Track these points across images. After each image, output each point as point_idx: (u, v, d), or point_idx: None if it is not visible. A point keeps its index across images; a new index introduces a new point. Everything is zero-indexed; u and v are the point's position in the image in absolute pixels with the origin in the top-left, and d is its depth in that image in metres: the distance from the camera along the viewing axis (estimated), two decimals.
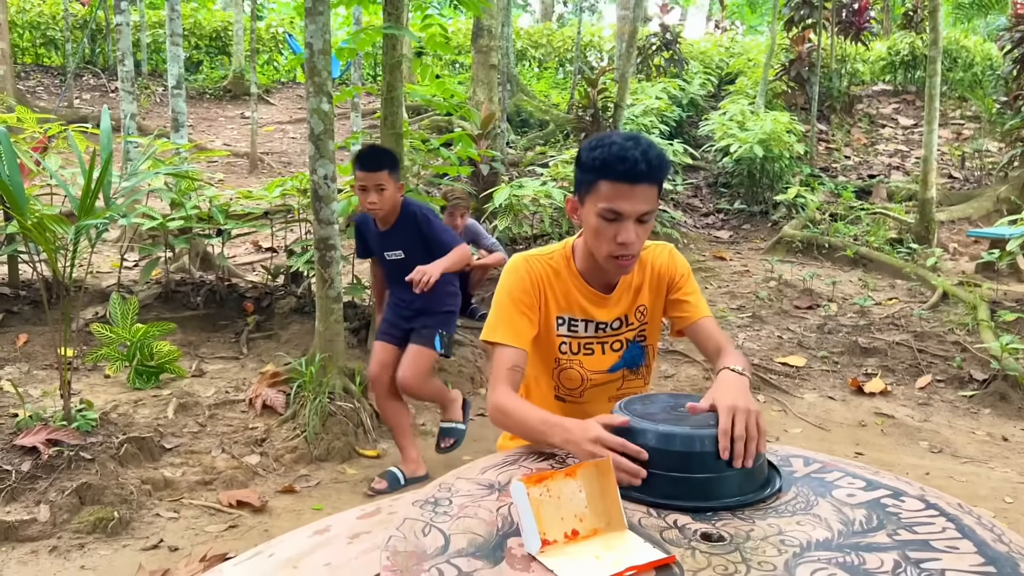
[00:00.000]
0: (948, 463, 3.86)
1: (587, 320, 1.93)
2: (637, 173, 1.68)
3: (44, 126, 4.56)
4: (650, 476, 1.45)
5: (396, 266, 3.28)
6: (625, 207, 1.71)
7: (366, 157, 3.14)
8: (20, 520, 2.75)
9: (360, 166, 3.12)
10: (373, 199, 3.11)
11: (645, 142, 1.72)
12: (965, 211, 8.82)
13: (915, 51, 12.81)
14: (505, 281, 1.89)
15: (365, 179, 3.11)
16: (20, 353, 4.11)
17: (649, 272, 1.96)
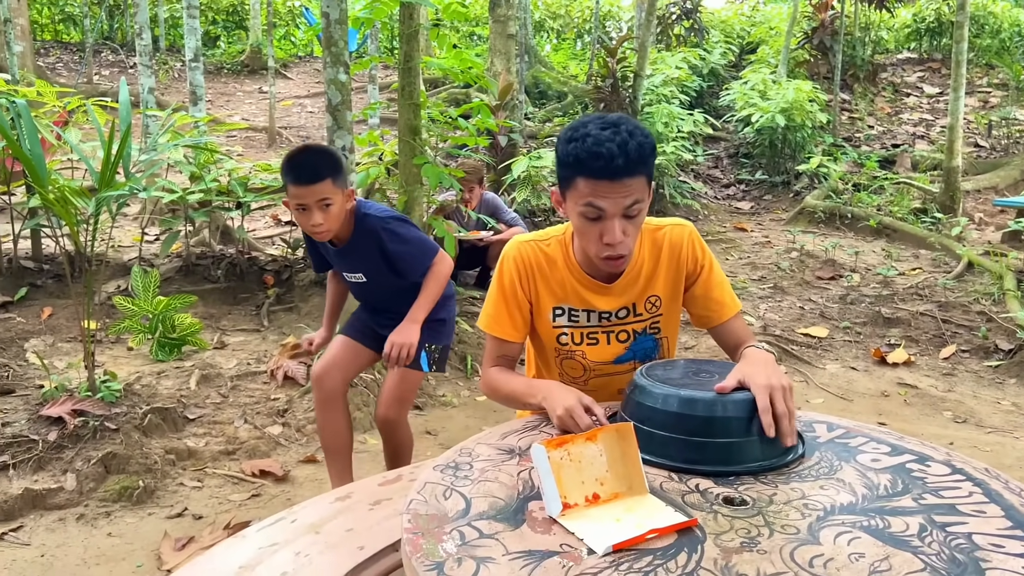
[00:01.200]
0: (972, 433, 3.83)
1: (588, 310, 1.81)
2: (615, 168, 1.53)
3: (64, 100, 4.58)
4: (672, 440, 1.44)
5: (360, 288, 2.66)
6: (606, 204, 1.57)
7: (299, 166, 2.32)
8: (48, 488, 2.80)
9: (293, 178, 2.32)
10: (317, 219, 2.33)
11: (625, 129, 1.56)
12: (991, 180, 8.67)
13: (941, 17, 12.56)
14: (498, 271, 1.85)
15: (302, 195, 2.31)
16: (45, 326, 4.16)
17: (666, 258, 1.81)
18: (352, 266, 2.58)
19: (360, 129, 8.30)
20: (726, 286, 1.85)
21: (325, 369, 2.66)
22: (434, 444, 3.53)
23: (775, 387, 1.45)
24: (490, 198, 5.34)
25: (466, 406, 4.03)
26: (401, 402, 2.69)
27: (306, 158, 2.36)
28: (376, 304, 2.69)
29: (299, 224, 2.45)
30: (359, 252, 2.53)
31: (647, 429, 1.47)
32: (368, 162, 5.31)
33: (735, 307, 1.84)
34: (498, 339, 1.85)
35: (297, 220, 2.43)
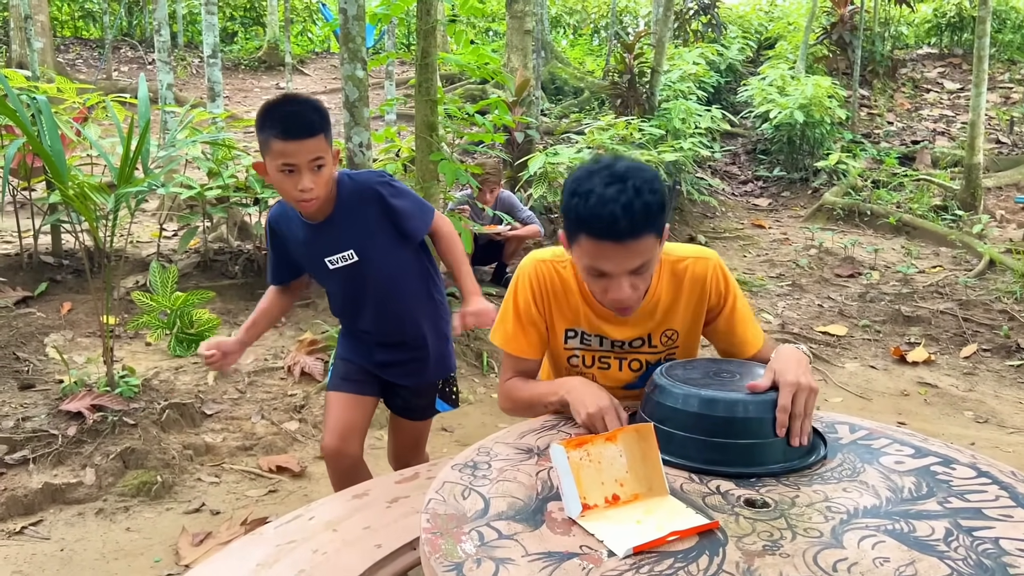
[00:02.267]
0: (994, 433, 3.79)
1: (601, 336, 1.77)
2: (618, 231, 1.44)
3: (84, 96, 4.60)
4: (693, 441, 1.43)
5: (346, 277, 2.13)
6: (610, 267, 1.51)
7: (289, 117, 1.91)
8: (67, 483, 2.81)
9: (281, 131, 1.89)
10: (307, 183, 1.92)
11: (633, 186, 1.45)
12: (1013, 177, 8.57)
13: (962, 12, 12.42)
14: (513, 287, 1.81)
15: (292, 153, 1.90)
16: (64, 321, 4.18)
17: (686, 291, 1.75)
18: (337, 245, 2.09)
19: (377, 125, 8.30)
20: (749, 321, 1.80)
21: (340, 440, 2.21)
22: (450, 441, 3.53)
23: (801, 387, 1.43)
24: (506, 196, 5.34)
25: (482, 403, 4.02)
26: (420, 449, 2.48)
27: (296, 108, 1.94)
28: (365, 305, 2.19)
29: (282, 191, 1.98)
30: (348, 222, 2.08)
31: (667, 429, 1.45)
32: (385, 158, 5.31)
33: (757, 343, 1.80)
34: (514, 356, 1.84)
35: (280, 186, 1.96)
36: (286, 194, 1.98)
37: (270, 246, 2.22)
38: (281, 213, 2.14)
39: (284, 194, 1.98)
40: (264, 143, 1.93)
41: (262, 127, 1.93)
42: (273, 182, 1.97)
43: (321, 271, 2.14)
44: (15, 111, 2.94)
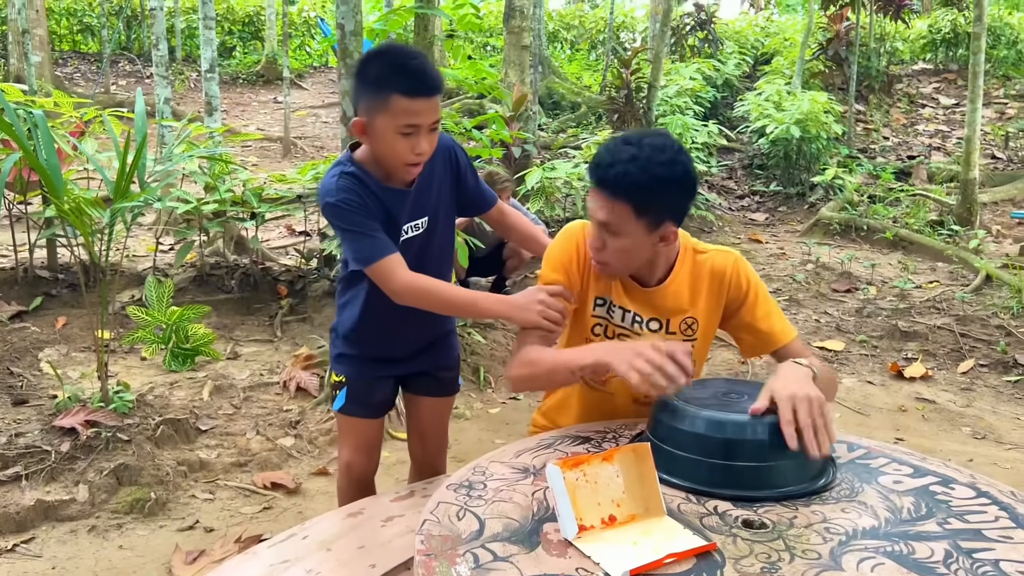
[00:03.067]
0: (992, 450, 3.77)
1: (624, 308, 1.79)
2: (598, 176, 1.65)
3: (81, 111, 4.60)
4: (698, 463, 1.41)
5: (412, 249, 1.92)
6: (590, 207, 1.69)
7: (421, 72, 1.73)
8: (60, 500, 2.79)
9: (413, 87, 1.71)
10: (425, 146, 1.77)
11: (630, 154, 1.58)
12: (1009, 192, 8.59)
13: (957, 28, 12.48)
14: (556, 244, 1.83)
15: (421, 111, 1.73)
16: (59, 335, 4.17)
17: (706, 284, 1.78)
18: (415, 210, 1.91)
19: None
20: (774, 316, 1.78)
21: (367, 456, 2.18)
22: (447, 457, 3.50)
23: (799, 398, 1.40)
24: (514, 204, 5.36)
25: (479, 419, 4.00)
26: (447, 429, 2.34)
27: (422, 62, 1.75)
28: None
29: (392, 153, 1.77)
30: (430, 184, 1.92)
31: (669, 449, 1.44)
32: None
33: (785, 336, 1.77)
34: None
35: (391, 148, 1.76)
36: (397, 156, 1.77)
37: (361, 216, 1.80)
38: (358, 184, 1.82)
39: (393, 156, 1.78)
40: (381, 100, 1.71)
41: (381, 82, 1.71)
42: (384, 143, 1.76)
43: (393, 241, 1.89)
44: (11, 125, 2.94)
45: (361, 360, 2.08)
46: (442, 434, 2.29)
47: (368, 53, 1.82)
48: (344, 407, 2.11)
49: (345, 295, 2.06)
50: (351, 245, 1.87)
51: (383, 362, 2.08)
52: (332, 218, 1.85)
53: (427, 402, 2.21)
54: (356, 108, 1.81)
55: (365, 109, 1.76)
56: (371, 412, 2.14)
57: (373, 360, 2.07)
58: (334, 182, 1.82)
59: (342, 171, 1.83)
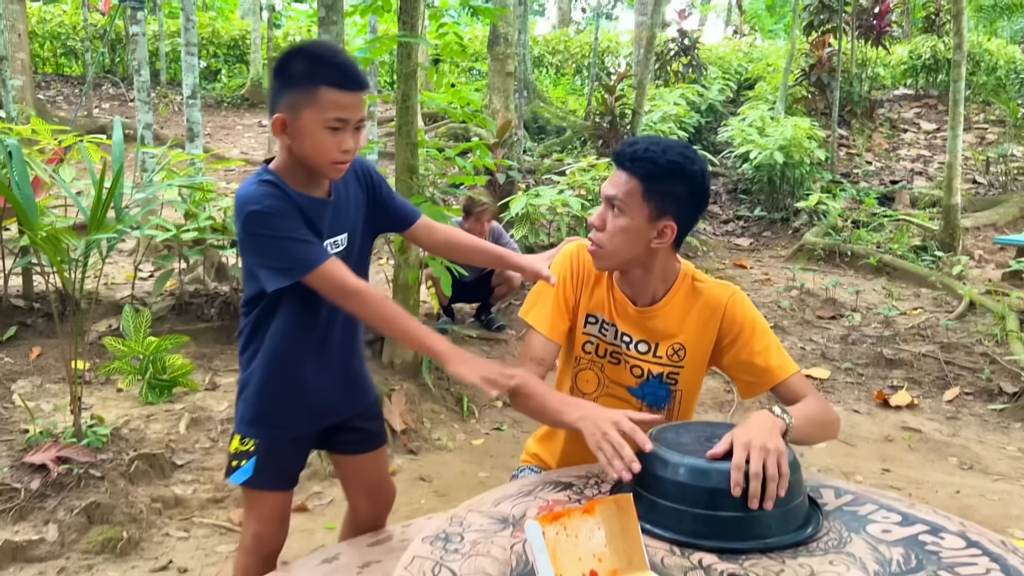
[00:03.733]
0: (979, 480, 3.75)
1: (614, 326, 1.81)
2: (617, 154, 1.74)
3: (59, 137, 4.54)
4: (680, 512, 1.37)
5: None
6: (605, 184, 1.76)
7: (347, 66, 1.65)
8: (28, 540, 2.71)
9: (339, 80, 1.62)
10: (351, 143, 1.67)
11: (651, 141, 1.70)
12: (991, 217, 8.65)
13: (937, 55, 12.64)
14: (555, 264, 1.87)
15: (348, 106, 1.64)
16: (33, 366, 4.08)
17: (697, 312, 1.77)
18: (337, 225, 1.79)
19: None
20: (772, 351, 1.74)
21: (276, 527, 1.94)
22: (428, 491, 3.45)
23: (754, 446, 1.37)
24: (495, 227, 5.33)
25: (462, 450, 3.95)
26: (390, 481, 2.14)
27: (349, 58, 1.68)
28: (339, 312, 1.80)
29: (318, 151, 1.65)
30: (347, 199, 1.81)
31: (650, 497, 1.40)
32: None
33: (784, 371, 1.72)
34: (539, 335, 1.81)
35: (318, 145, 1.64)
36: (323, 153, 1.65)
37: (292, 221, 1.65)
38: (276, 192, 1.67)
39: (319, 153, 1.65)
40: (308, 93, 1.62)
41: (308, 75, 1.62)
42: (308, 140, 1.64)
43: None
44: None
45: (275, 418, 1.84)
46: (389, 487, 2.10)
47: (289, 49, 1.72)
48: (252, 480, 1.83)
49: (251, 345, 1.83)
50: (282, 255, 1.65)
51: (300, 416, 1.86)
52: (257, 227, 1.64)
53: (361, 460, 2.01)
54: (274, 106, 1.67)
55: (288, 105, 1.64)
56: (286, 483, 1.92)
57: (289, 417, 1.85)
58: (254, 189, 1.67)
59: (260, 179, 1.70)
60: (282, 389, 1.82)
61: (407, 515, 3.03)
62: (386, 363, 4.38)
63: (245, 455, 1.83)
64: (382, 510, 2.09)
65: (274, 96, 1.69)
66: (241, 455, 1.84)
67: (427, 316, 5.20)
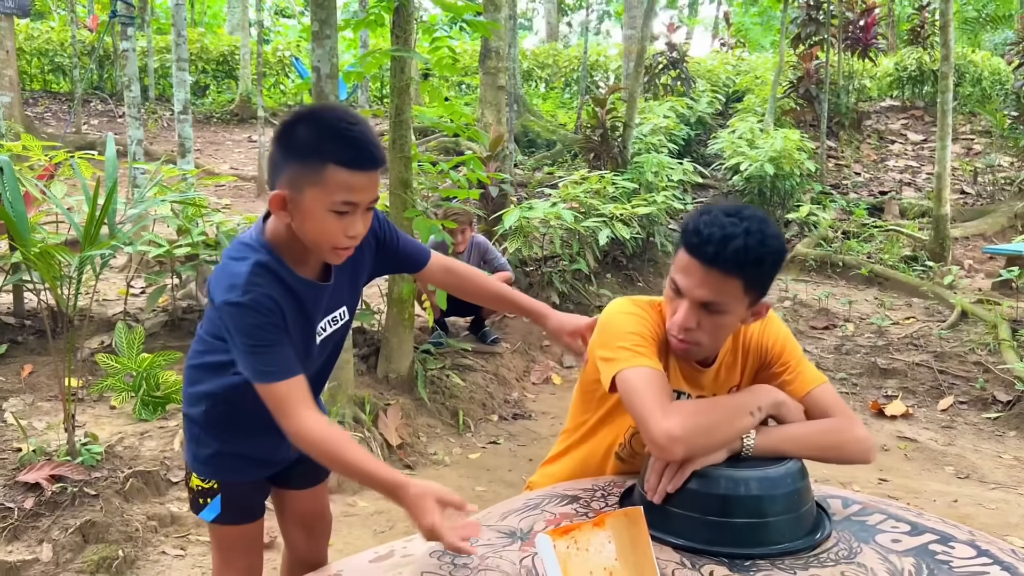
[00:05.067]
0: (976, 489, 3.75)
1: (679, 392, 1.67)
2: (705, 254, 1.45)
3: (50, 154, 4.52)
4: (690, 520, 1.37)
5: (325, 345, 1.70)
6: (684, 284, 1.51)
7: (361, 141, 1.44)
8: (22, 560, 2.67)
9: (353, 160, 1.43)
10: (360, 228, 1.50)
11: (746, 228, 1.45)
12: (980, 227, 8.72)
13: (922, 66, 12.75)
14: (623, 319, 1.62)
15: (363, 187, 1.46)
16: (25, 384, 4.04)
17: (743, 349, 1.71)
18: (332, 304, 1.66)
19: None
20: (801, 364, 1.68)
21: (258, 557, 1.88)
22: None
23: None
24: (480, 240, 5.30)
25: (458, 464, 3.92)
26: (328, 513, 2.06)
27: (365, 130, 1.46)
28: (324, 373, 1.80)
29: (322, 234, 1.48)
30: (348, 271, 1.66)
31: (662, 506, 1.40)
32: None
33: (807, 384, 1.64)
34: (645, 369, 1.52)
35: (321, 227, 1.47)
36: (325, 238, 1.48)
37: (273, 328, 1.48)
38: (273, 279, 1.50)
39: (321, 238, 1.48)
40: (313, 171, 1.42)
41: (315, 150, 1.42)
42: (310, 222, 1.46)
43: (302, 345, 1.60)
44: None
45: (230, 465, 1.73)
46: (327, 522, 2.02)
47: (297, 113, 1.50)
48: (221, 517, 1.75)
49: (206, 382, 1.68)
50: (249, 358, 1.48)
51: (253, 467, 1.77)
52: (233, 320, 1.47)
53: (304, 494, 1.93)
54: (274, 179, 1.48)
55: (289, 180, 1.45)
56: (257, 513, 1.83)
57: (243, 467, 1.75)
58: (244, 274, 1.47)
59: (256, 261, 1.49)
60: (236, 448, 1.73)
61: (405, 531, 3.01)
62: (381, 377, 4.36)
63: (209, 493, 1.74)
64: (320, 543, 2.01)
65: (275, 166, 1.48)
66: (205, 493, 1.75)
67: (421, 329, 5.18)
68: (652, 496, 1.39)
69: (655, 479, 1.39)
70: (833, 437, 1.55)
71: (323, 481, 1.98)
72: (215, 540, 1.85)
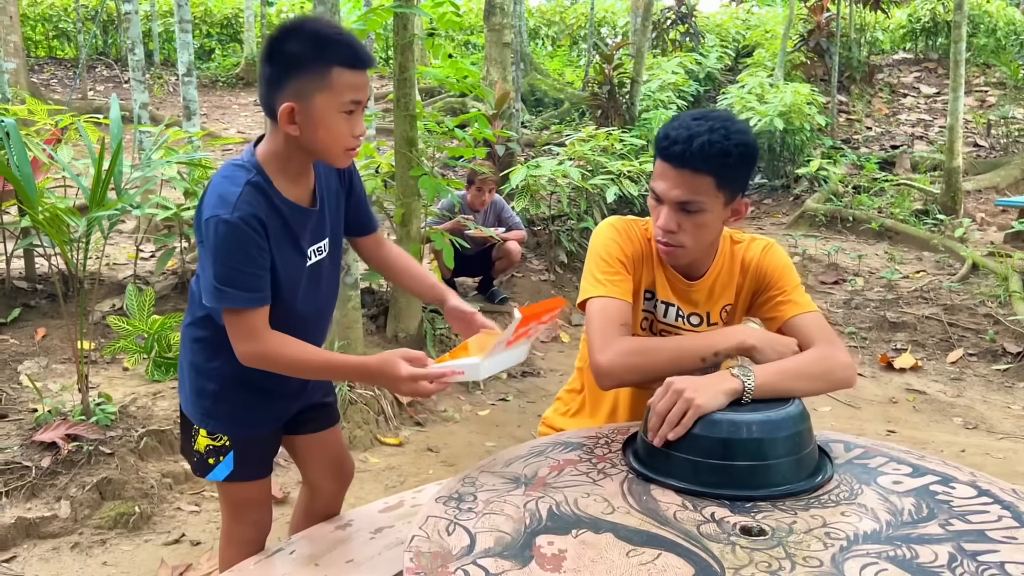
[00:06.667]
0: (984, 439, 3.77)
1: (667, 303, 1.75)
2: (673, 153, 1.54)
3: (56, 118, 4.51)
4: (692, 463, 1.38)
5: (312, 278, 1.69)
6: (659, 188, 1.59)
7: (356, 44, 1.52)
8: (41, 517, 2.73)
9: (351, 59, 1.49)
10: (363, 126, 1.56)
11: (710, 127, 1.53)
12: (992, 180, 8.62)
13: (936, 18, 12.53)
14: (603, 238, 1.72)
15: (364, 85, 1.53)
16: (39, 347, 4.09)
17: (738, 270, 1.76)
18: (317, 235, 1.67)
19: None
20: (799, 290, 1.72)
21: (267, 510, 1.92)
22: (436, 462, 3.46)
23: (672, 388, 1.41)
24: (497, 199, 5.33)
25: (468, 421, 3.96)
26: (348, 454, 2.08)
27: (353, 35, 1.54)
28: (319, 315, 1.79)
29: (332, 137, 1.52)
30: (326, 201, 1.69)
31: (664, 451, 1.41)
32: (365, 174, 5.26)
33: (793, 309, 1.68)
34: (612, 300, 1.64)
35: (332, 130, 1.51)
36: (338, 141, 1.53)
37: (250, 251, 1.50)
38: (262, 199, 1.52)
39: (334, 142, 1.53)
40: (320, 77, 1.47)
41: (317, 57, 1.47)
42: (322, 127, 1.50)
43: (292, 271, 1.62)
44: None
45: (242, 419, 1.74)
46: (350, 466, 2.02)
47: (281, 28, 1.52)
48: (234, 474, 1.75)
49: (207, 328, 1.70)
50: (221, 275, 1.49)
51: (266, 418, 1.79)
52: (217, 236, 1.48)
53: (323, 436, 1.93)
54: (273, 96, 1.51)
55: (295, 91, 1.48)
56: (267, 469, 1.86)
57: (256, 419, 1.76)
58: (236, 191, 1.49)
59: (248, 180, 1.52)
60: (245, 399, 1.72)
61: (416, 484, 3.05)
62: (390, 337, 4.38)
63: (220, 451, 1.73)
64: (343, 486, 2.02)
65: (272, 83, 1.51)
66: (215, 451, 1.73)
67: None
68: (653, 439, 1.40)
69: (656, 422, 1.40)
70: (821, 365, 1.57)
71: (336, 423, 1.97)
72: (226, 497, 1.86)
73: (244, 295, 1.50)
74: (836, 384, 1.61)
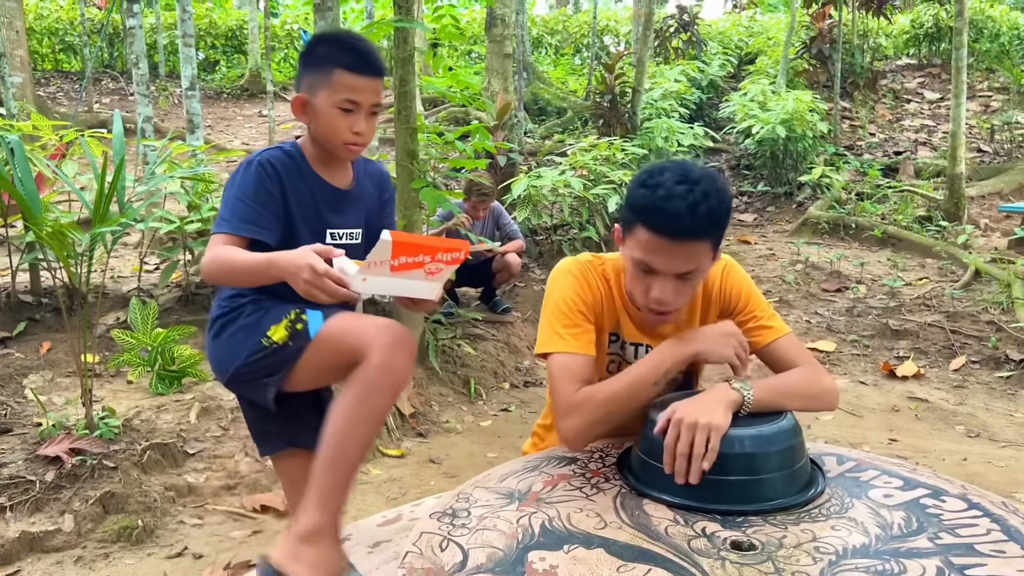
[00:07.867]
0: (986, 447, 3.76)
1: (635, 344, 1.73)
2: (677, 228, 1.45)
3: (60, 132, 4.55)
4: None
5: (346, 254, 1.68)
6: (660, 264, 1.50)
7: (367, 52, 1.75)
8: (45, 531, 2.75)
9: (354, 65, 1.71)
10: (363, 126, 1.75)
11: (701, 190, 1.45)
12: (996, 185, 8.60)
13: (939, 23, 12.53)
14: (561, 286, 1.68)
15: (362, 89, 1.73)
16: (44, 361, 4.11)
17: (704, 294, 1.73)
18: (349, 218, 1.86)
19: None
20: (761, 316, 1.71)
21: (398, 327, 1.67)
22: (438, 474, 3.48)
23: (685, 424, 1.38)
24: (495, 207, 5.36)
25: (470, 432, 3.97)
26: None
27: (368, 45, 1.77)
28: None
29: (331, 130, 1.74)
30: (362, 197, 1.90)
31: (657, 465, 1.42)
32: None
33: (769, 335, 1.69)
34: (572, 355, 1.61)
35: (330, 124, 1.73)
36: (335, 134, 1.74)
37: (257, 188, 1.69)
38: (289, 161, 1.77)
39: (332, 133, 1.74)
40: (323, 76, 1.72)
41: (326, 59, 1.72)
42: (323, 120, 1.74)
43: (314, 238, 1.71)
44: None
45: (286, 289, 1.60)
46: None
47: (316, 35, 1.85)
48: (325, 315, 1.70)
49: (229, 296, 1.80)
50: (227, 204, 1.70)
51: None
52: (236, 174, 1.74)
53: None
54: (297, 89, 1.81)
55: (307, 86, 1.76)
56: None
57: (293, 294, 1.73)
58: (270, 149, 1.80)
59: (281, 147, 1.81)
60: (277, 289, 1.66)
61: (417, 496, 3.06)
62: None
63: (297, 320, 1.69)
64: None
65: (298, 79, 1.82)
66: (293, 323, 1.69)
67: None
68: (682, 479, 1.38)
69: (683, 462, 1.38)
70: (810, 388, 1.60)
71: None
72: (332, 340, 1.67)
73: (235, 222, 1.68)
74: (824, 406, 1.63)
